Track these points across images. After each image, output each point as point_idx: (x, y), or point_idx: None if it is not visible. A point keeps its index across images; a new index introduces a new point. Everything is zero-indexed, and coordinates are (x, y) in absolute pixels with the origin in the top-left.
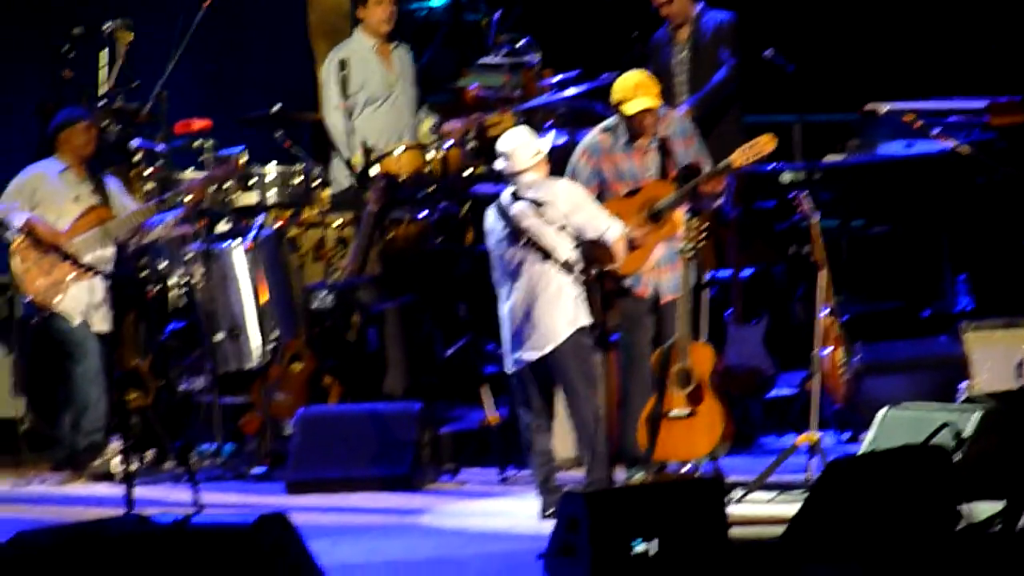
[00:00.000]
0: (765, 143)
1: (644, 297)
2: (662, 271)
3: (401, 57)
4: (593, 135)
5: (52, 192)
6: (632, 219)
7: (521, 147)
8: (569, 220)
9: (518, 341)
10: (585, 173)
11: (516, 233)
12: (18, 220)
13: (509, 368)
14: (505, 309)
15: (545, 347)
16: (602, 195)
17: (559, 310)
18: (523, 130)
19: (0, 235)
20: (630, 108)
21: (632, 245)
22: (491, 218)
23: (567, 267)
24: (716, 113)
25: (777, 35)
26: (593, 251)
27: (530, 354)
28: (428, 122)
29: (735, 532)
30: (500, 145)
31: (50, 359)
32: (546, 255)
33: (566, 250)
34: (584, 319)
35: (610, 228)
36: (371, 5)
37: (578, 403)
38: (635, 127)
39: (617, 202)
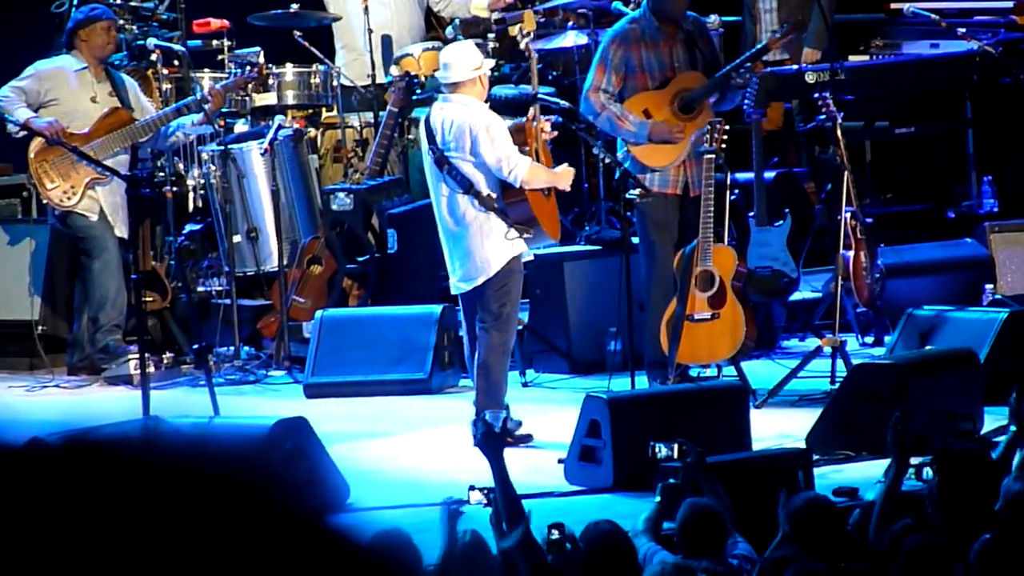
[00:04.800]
0: (795, 26)
1: (674, 194)
2: (691, 164)
3: None
4: (623, 23)
5: (69, 92)
6: (664, 111)
7: (464, 58)
8: (478, 154)
9: (452, 268)
10: (615, 60)
11: (440, 159)
12: (21, 115)
13: (452, 290)
14: (440, 226)
15: (478, 278)
16: (627, 85)
17: (490, 242)
18: (470, 43)
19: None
20: None
21: (665, 139)
22: (423, 130)
23: (488, 201)
24: None
25: None
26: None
27: (464, 283)
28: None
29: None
30: (443, 55)
31: (68, 260)
32: (467, 186)
33: (487, 182)
34: (516, 248)
35: (513, 172)
36: None
37: (495, 332)
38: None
39: (648, 95)
